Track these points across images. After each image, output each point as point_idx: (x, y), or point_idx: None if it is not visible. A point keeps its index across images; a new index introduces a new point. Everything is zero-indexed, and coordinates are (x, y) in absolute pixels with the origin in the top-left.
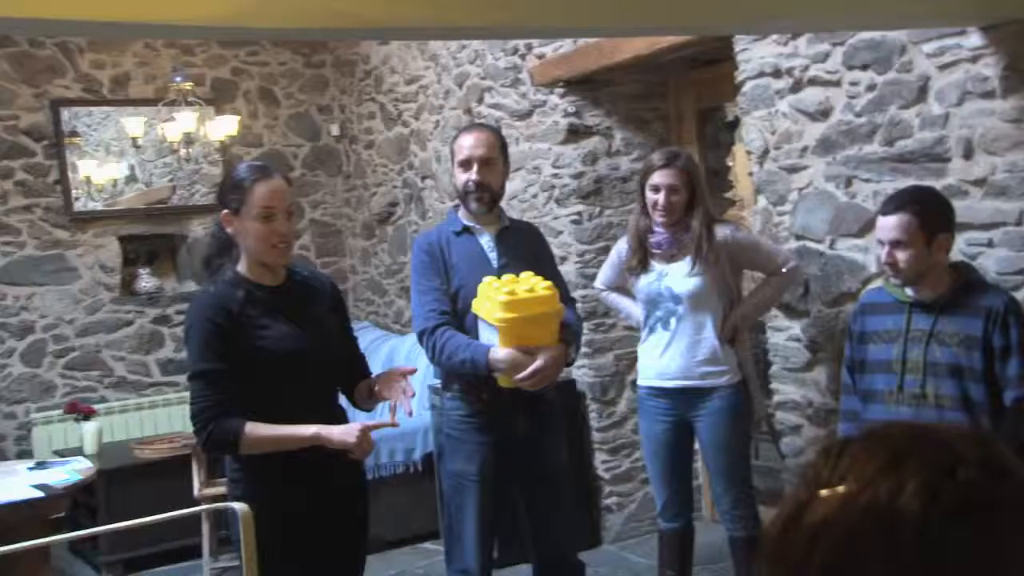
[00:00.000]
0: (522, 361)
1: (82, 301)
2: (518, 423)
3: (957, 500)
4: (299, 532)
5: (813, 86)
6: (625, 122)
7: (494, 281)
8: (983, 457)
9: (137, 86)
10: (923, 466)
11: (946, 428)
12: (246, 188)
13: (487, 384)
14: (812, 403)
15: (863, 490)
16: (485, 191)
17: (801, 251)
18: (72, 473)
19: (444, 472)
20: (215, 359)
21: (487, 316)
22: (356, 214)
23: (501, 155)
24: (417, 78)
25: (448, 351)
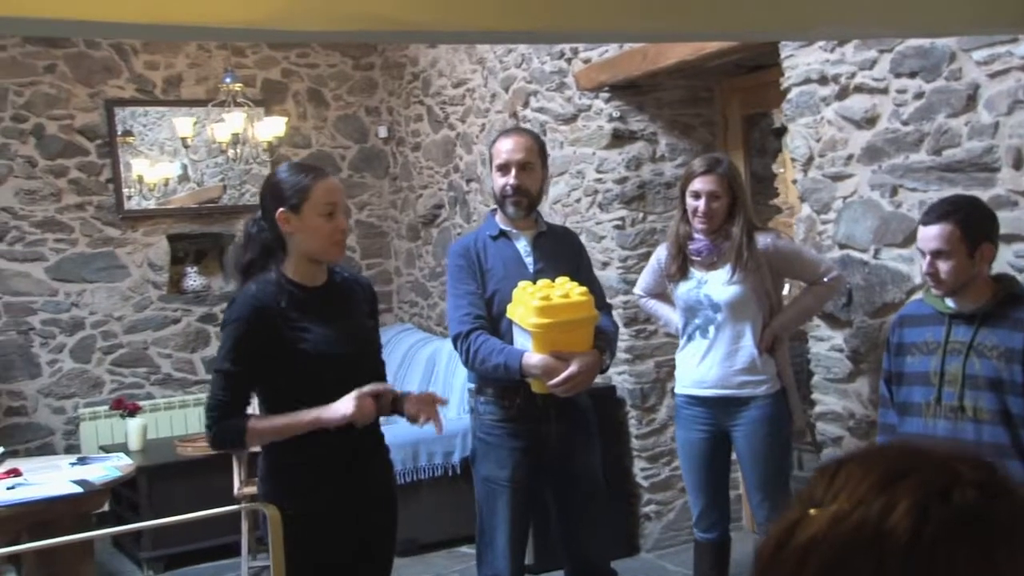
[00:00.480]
0: (555, 367)
1: (131, 298)
2: (551, 429)
3: (949, 522)
4: (325, 533)
5: (860, 93)
6: (670, 127)
7: (529, 286)
8: (982, 480)
9: (189, 87)
10: (917, 486)
11: (947, 448)
12: (307, 186)
13: (521, 389)
14: (854, 415)
15: (854, 508)
16: (523, 195)
17: (845, 260)
18: (111, 469)
19: (476, 476)
20: (240, 361)
21: (521, 321)
22: (402, 216)
23: (540, 159)
24: (464, 81)
25: (482, 355)
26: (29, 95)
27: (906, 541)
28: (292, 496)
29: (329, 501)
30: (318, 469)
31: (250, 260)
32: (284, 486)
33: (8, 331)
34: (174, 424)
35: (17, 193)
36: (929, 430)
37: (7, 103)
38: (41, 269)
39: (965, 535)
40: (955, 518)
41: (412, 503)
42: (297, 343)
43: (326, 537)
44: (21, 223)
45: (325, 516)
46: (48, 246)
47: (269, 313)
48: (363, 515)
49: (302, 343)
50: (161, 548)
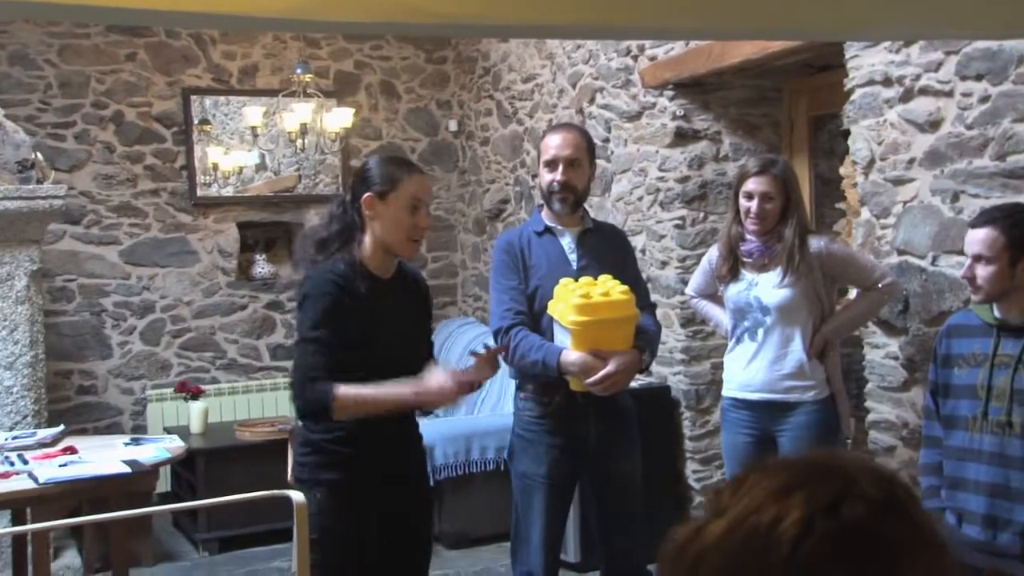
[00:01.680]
0: (593, 365)
1: (200, 284)
2: (590, 427)
3: (831, 535)
4: (361, 523)
5: (924, 96)
6: (734, 127)
7: (570, 283)
8: (878, 496)
9: (264, 77)
10: (810, 497)
11: (856, 462)
12: (400, 177)
13: (561, 387)
14: (907, 424)
15: (748, 516)
16: (569, 192)
17: (902, 266)
18: (162, 451)
19: (513, 472)
20: (328, 329)
21: (561, 318)
22: (469, 210)
23: (587, 156)
24: (533, 76)
25: (521, 351)
26: (110, 83)
27: (788, 553)
28: (330, 482)
29: (367, 490)
30: (359, 456)
31: (325, 237)
32: (323, 471)
33: (82, 312)
34: (237, 408)
35: (95, 178)
36: (975, 445)
37: (88, 90)
38: (115, 253)
39: (844, 551)
40: (838, 533)
41: (463, 496)
42: (364, 327)
43: (358, 510)
44: (98, 207)
45: (363, 506)
46: (123, 230)
47: (350, 293)
48: (397, 495)
49: (368, 328)
50: (216, 530)
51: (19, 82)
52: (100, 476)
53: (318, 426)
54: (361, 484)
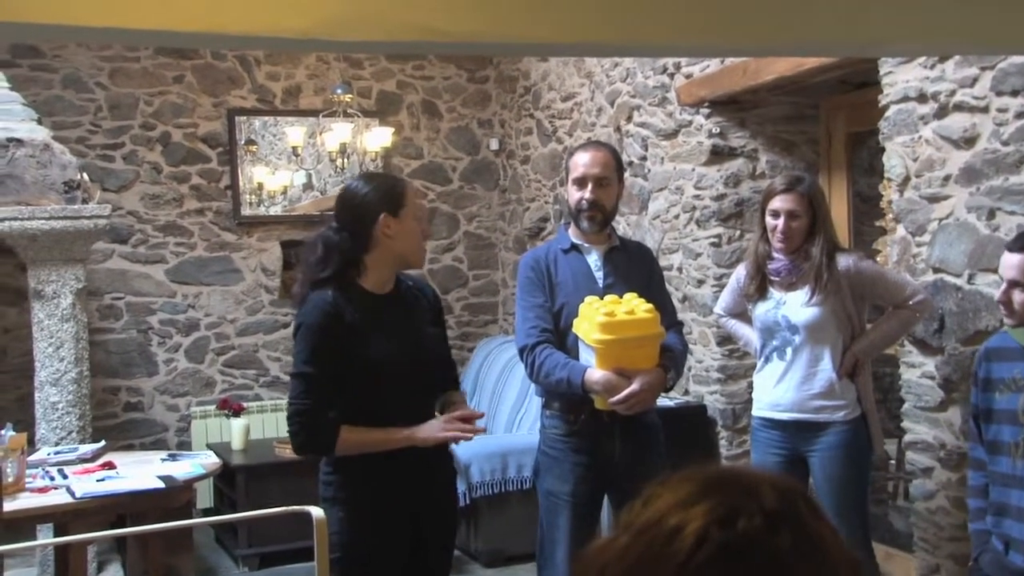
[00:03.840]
0: (617, 384)
1: (243, 302)
2: (615, 446)
3: (724, 546)
4: (384, 543)
5: (959, 112)
6: (771, 144)
7: (595, 301)
8: (777, 511)
9: (307, 97)
10: (709, 509)
11: (762, 476)
12: (403, 191)
13: (586, 405)
14: (944, 445)
15: (650, 527)
16: (598, 210)
17: (938, 284)
18: (197, 467)
19: (539, 490)
20: (320, 364)
21: (585, 336)
22: (509, 228)
23: (616, 174)
24: (573, 95)
25: (546, 369)
26: (158, 104)
27: (681, 562)
28: (355, 500)
29: (388, 497)
30: (387, 474)
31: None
32: (349, 489)
33: (129, 330)
34: (279, 425)
35: (142, 198)
36: (1018, 472)
37: (137, 111)
38: (161, 271)
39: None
40: (730, 543)
41: (499, 514)
42: (361, 349)
43: (380, 531)
44: (145, 226)
45: (381, 510)
46: (169, 249)
47: (343, 319)
48: (421, 516)
49: (366, 349)
50: (257, 546)
51: (71, 104)
52: (135, 491)
53: None
54: (385, 504)
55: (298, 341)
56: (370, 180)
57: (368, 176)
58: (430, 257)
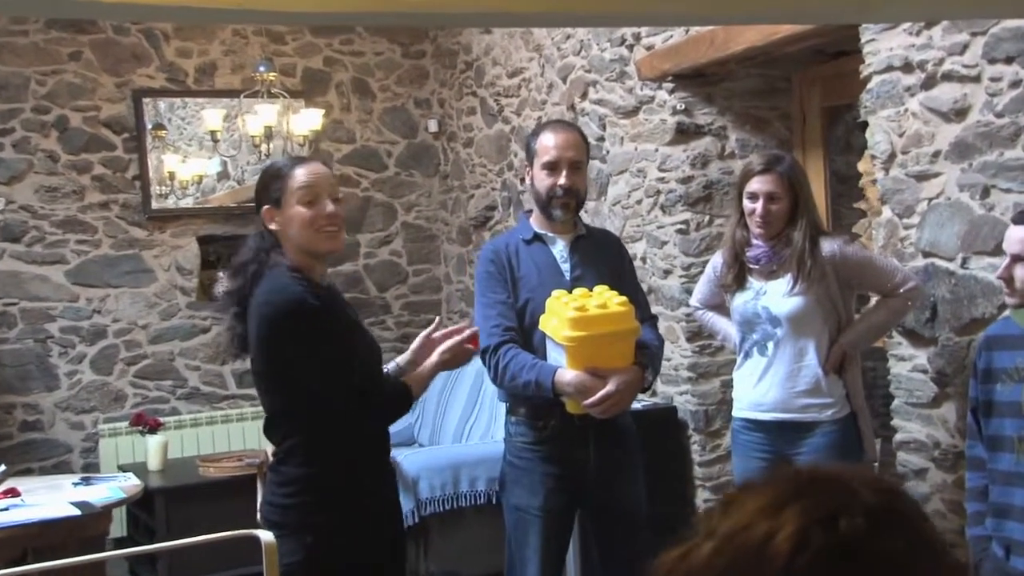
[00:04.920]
0: (591, 385)
1: (157, 305)
2: (589, 453)
3: (827, 550)
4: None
5: (948, 82)
6: (741, 121)
7: (563, 295)
8: (878, 508)
9: (224, 76)
10: (804, 511)
11: (852, 474)
12: (284, 175)
13: (555, 409)
14: (939, 444)
15: (739, 532)
16: (573, 197)
17: (929, 270)
18: (115, 490)
19: (506, 504)
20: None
21: (554, 334)
22: (452, 218)
23: (586, 157)
24: (520, 70)
25: (511, 372)
26: (52, 84)
27: (781, 567)
28: (319, 513)
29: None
30: (356, 488)
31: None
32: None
33: (25, 339)
34: (200, 442)
35: (37, 190)
36: (1021, 468)
37: (28, 93)
38: (61, 272)
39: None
40: (835, 546)
41: (452, 533)
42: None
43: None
44: (41, 223)
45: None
46: (69, 248)
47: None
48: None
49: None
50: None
51: None
52: (46, 520)
53: (298, 459)
54: (354, 526)
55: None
56: (271, 164)
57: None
58: (365, 252)
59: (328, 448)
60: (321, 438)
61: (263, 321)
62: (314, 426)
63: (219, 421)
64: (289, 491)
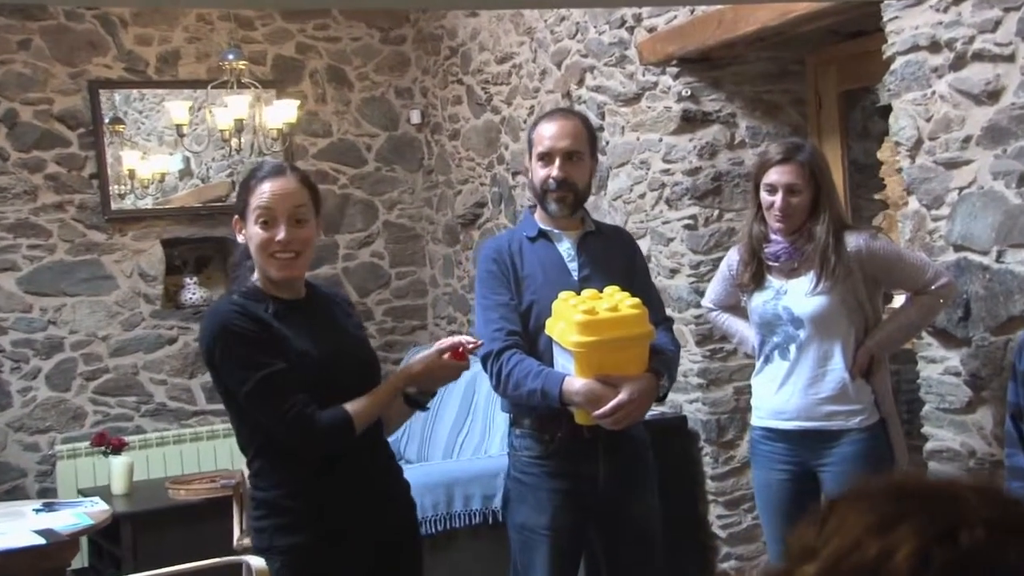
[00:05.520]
0: (602, 394)
1: (118, 315)
2: (599, 468)
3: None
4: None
5: (979, 62)
6: (751, 107)
7: (571, 297)
8: (995, 518)
9: (188, 65)
10: (919, 528)
11: (958, 483)
12: (250, 187)
13: (563, 420)
14: (974, 452)
15: (848, 554)
16: (568, 190)
17: (961, 265)
18: (82, 517)
19: (510, 523)
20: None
21: (561, 339)
22: (438, 216)
23: (588, 147)
24: (510, 56)
25: (515, 379)
26: (0, 76)
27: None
28: (296, 548)
29: (340, 546)
30: (330, 516)
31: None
32: (289, 535)
33: None
34: (168, 462)
35: None
36: None
37: None
38: (12, 280)
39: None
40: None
41: (446, 555)
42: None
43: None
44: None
45: (326, 557)
46: (21, 253)
47: (260, 321)
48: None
49: (296, 357)
50: None
51: None
52: (9, 550)
53: (271, 481)
54: (329, 549)
55: (226, 360)
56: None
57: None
58: (344, 253)
59: (292, 469)
60: (284, 459)
61: (200, 344)
62: (274, 447)
63: (188, 439)
64: (259, 514)
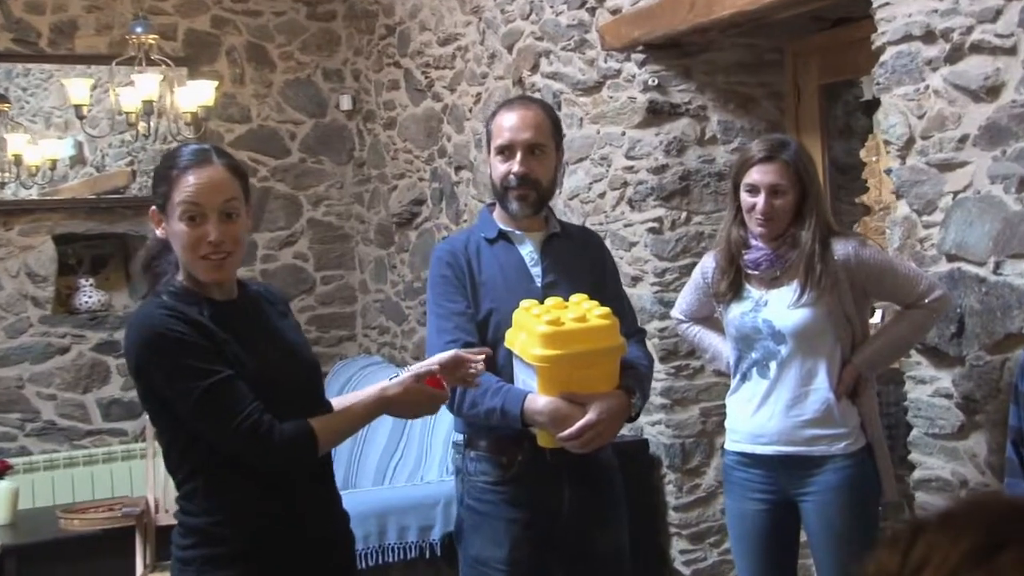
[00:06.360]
0: (568, 413)
1: (1, 320)
2: (563, 495)
3: None
4: None
5: (978, 54)
6: (724, 100)
7: (534, 306)
8: None
9: (87, 38)
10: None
11: None
12: (172, 177)
13: (523, 442)
14: (966, 482)
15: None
16: (531, 187)
17: (954, 276)
18: None
19: (463, 557)
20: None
21: (523, 352)
22: (370, 214)
23: (553, 140)
24: (454, 37)
25: (471, 397)
26: None
27: None
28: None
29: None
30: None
31: (149, 258)
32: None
33: None
34: (58, 489)
35: None
36: None
37: None
38: None
39: None
40: None
41: None
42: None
43: None
44: None
45: None
46: None
47: (195, 324)
48: None
49: (240, 367)
50: None
51: None
52: None
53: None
54: None
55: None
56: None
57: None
58: (263, 255)
59: (232, 493)
60: (224, 481)
61: (127, 353)
62: (214, 467)
63: (81, 462)
64: (187, 543)
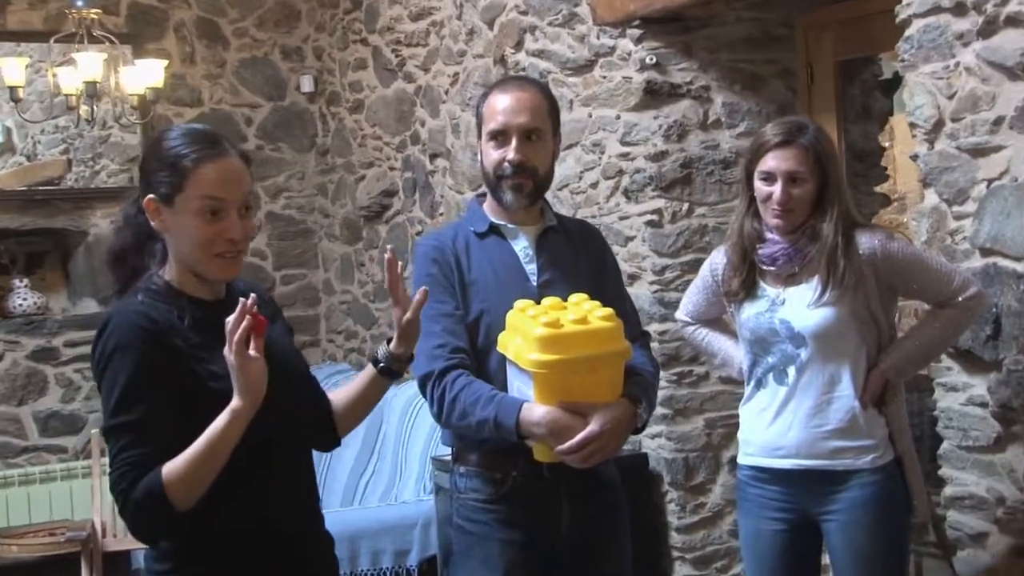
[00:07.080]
0: (568, 424)
1: None
2: (562, 513)
3: None
4: None
5: (1014, 27)
6: (729, 80)
7: (530, 307)
8: None
9: (19, 12)
10: None
11: None
12: (187, 168)
13: (518, 457)
14: (1004, 499)
15: None
16: (527, 176)
17: (989, 272)
18: None
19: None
20: (144, 402)
21: (518, 358)
22: (335, 207)
23: (550, 124)
24: (428, 11)
25: (462, 406)
26: None
27: None
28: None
29: None
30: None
31: (120, 253)
32: None
33: None
34: None
35: None
36: None
37: None
38: None
39: None
40: None
41: None
42: (205, 379)
43: None
44: None
45: None
46: None
47: (166, 334)
48: None
49: (214, 380)
50: None
51: None
52: None
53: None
54: None
55: (106, 379)
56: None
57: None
58: None
59: (205, 514)
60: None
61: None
62: None
63: (16, 482)
64: (162, 568)
